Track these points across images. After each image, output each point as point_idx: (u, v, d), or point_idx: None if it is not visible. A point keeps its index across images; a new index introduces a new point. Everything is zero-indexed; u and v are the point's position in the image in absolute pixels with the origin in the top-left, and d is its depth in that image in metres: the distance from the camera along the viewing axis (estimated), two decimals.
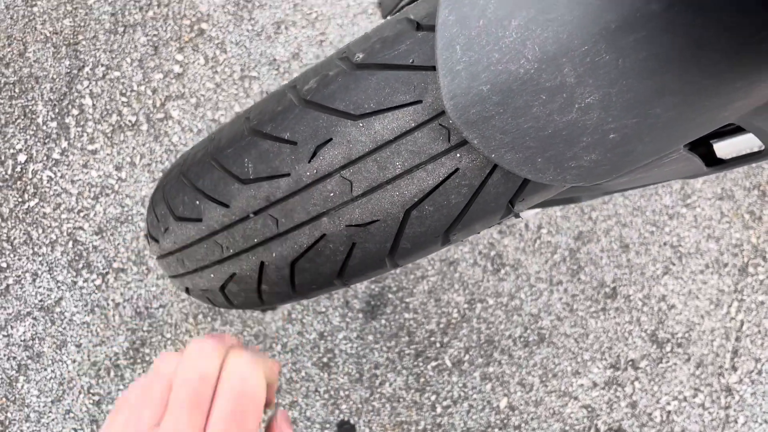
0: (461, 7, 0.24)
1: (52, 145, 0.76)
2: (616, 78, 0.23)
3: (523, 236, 0.84)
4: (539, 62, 0.23)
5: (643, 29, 0.22)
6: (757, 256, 0.90)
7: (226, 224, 0.34)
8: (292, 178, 0.30)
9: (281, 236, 0.33)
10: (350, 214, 0.31)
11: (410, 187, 0.29)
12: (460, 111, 0.25)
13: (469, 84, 0.24)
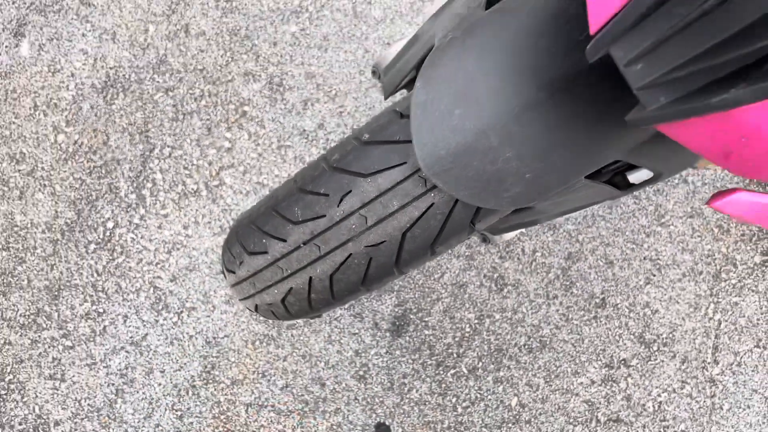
0: (425, 103, 0.47)
1: (132, 212, 1.01)
2: (523, 140, 0.43)
3: (521, 259, 1.05)
4: (474, 135, 0.42)
5: (536, 110, 0.43)
6: (728, 263, 1.09)
7: (284, 253, 0.55)
8: (327, 218, 0.50)
9: (322, 258, 0.53)
10: (367, 238, 0.50)
11: (404, 217, 0.48)
12: (429, 167, 0.45)
13: (432, 151, 0.44)
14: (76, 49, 1.05)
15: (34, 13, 1.07)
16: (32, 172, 0.99)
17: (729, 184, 1.07)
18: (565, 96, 0.42)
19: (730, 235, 1.10)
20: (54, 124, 1.01)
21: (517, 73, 0.41)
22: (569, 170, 0.47)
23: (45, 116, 1.01)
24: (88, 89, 1.03)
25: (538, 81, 0.41)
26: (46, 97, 1.02)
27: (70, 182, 0.99)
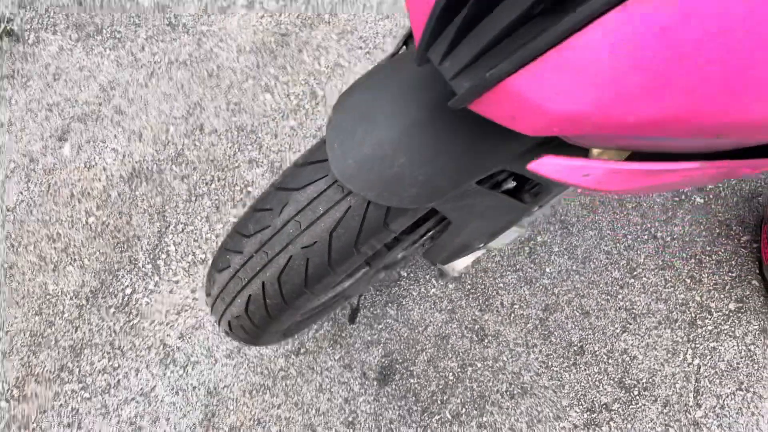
0: (336, 126, 0.87)
1: (148, 280, 1.42)
2: (412, 149, 0.90)
3: (500, 312, 1.40)
4: (372, 146, 0.92)
5: (420, 125, 0.90)
6: (703, 311, 1.42)
7: (242, 263, 0.95)
8: (271, 227, 0.99)
9: (270, 262, 0.98)
10: (302, 240, 0.85)
11: (329, 219, 0.83)
12: (341, 174, 0.94)
13: (342, 161, 0.92)
14: (108, 148, 1.55)
15: (76, 122, 1.59)
16: (65, 249, 1.43)
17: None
18: (442, 114, 0.77)
19: (703, 285, 1.44)
20: (86, 209, 1.47)
21: (404, 99, 0.80)
22: (457, 174, 0.77)
23: (79, 203, 1.48)
24: (117, 179, 1.50)
25: (420, 103, 0.77)
26: (81, 187, 1.49)
27: (97, 256, 1.42)
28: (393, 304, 1.50)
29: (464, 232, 0.99)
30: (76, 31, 1.86)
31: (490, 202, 0.89)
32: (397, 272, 1.52)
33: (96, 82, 1.77)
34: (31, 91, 1.74)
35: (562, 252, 1.58)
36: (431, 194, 0.80)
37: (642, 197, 1.61)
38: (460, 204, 0.85)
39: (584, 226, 1.61)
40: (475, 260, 1.21)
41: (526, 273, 1.55)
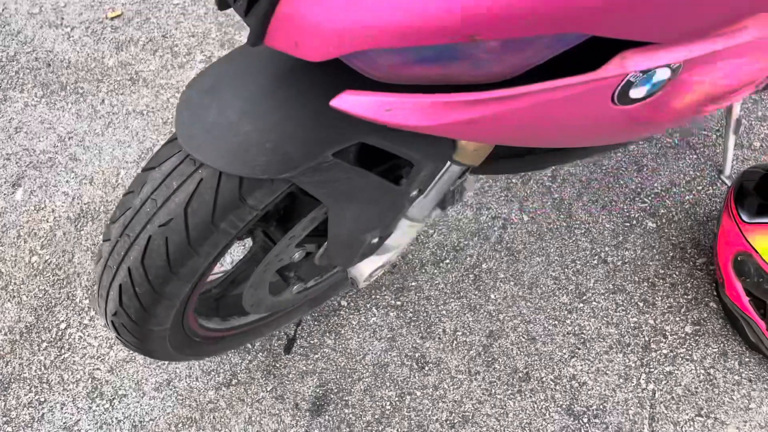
0: (185, 100, 0.93)
1: (84, 315, 1.42)
2: (257, 116, 0.89)
3: (442, 339, 1.37)
4: (217, 114, 0.90)
5: (265, 93, 0.89)
6: (657, 334, 1.38)
7: (109, 251, 0.99)
8: (132, 209, 0.96)
9: (132, 246, 0.94)
10: (158, 218, 0.83)
11: (182, 194, 0.81)
12: (187, 144, 0.89)
13: (189, 131, 0.89)
14: (59, 192, 1.60)
15: (31, 169, 1.65)
16: (6, 287, 1.45)
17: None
18: (291, 81, 0.78)
19: (657, 308, 1.40)
20: (31, 248, 1.50)
21: (252, 69, 0.80)
22: (308, 143, 0.77)
23: (25, 243, 1.51)
24: (64, 220, 1.54)
25: (268, 72, 0.79)
26: (29, 228, 1.53)
27: (35, 293, 1.44)
28: (331, 334, 1.46)
29: (344, 221, 0.94)
30: (42, 89, 1.96)
31: (357, 182, 0.86)
32: (336, 300, 1.50)
33: (55, 133, 1.84)
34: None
35: (507, 278, 1.54)
36: (282, 164, 0.78)
37: (590, 223, 1.59)
38: (322, 180, 0.83)
39: (531, 252, 1.58)
40: (383, 265, 1.17)
41: (470, 300, 1.51)
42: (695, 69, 0.72)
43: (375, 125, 0.79)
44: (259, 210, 0.84)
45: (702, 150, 1.75)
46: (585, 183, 1.68)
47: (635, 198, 1.66)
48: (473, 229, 1.61)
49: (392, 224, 1.01)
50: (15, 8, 2.19)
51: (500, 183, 1.68)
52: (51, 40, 2.08)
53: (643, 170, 1.71)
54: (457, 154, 0.92)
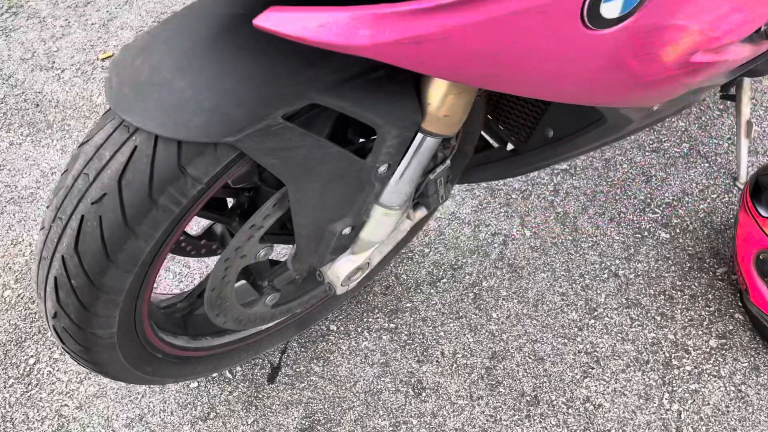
0: (116, 61, 0.84)
1: (54, 349, 1.33)
2: (193, 71, 0.78)
3: (440, 362, 1.27)
4: (149, 71, 0.80)
5: (201, 46, 0.80)
6: (679, 350, 1.26)
7: (43, 240, 0.89)
8: (64, 188, 0.86)
9: (65, 230, 0.77)
10: (91, 194, 0.74)
11: (115, 164, 0.74)
12: (116, 105, 0.79)
13: (119, 91, 0.72)
14: (38, 225, 1.53)
15: (12, 205, 1.61)
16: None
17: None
18: (230, 34, 0.72)
19: (676, 322, 1.30)
20: (4, 283, 1.44)
21: (187, 26, 0.75)
22: (252, 103, 0.70)
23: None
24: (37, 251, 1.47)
25: (204, 26, 0.74)
26: (4, 263, 1.48)
27: (6, 327, 1.37)
28: (319, 360, 1.35)
29: (307, 203, 0.85)
30: (29, 128, 1.94)
31: (315, 152, 0.78)
32: (324, 324, 1.39)
33: (38, 169, 1.80)
34: None
35: (510, 296, 1.43)
36: (224, 125, 0.70)
37: (598, 236, 1.48)
38: (272, 147, 0.74)
39: (535, 268, 1.47)
40: (361, 267, 1.07)
41: (470, 320, 1.39)
42: None
43: (328, 82, 0.72)
44: (203, 183, 0.75)
45: (714, 158, 1.66)
46: (590, 196, 1.59)
47: (645, 209, 1.56)
48: (472, 247, 1.51)
49: (363, 209, 0.93)
50: (8, 54, 2.21)
51: (499, 199, 1.59)
52: (41, 82, 2.08)
53: (651, 180, 1.62)
54: (426, 121, 0.84)
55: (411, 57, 0.58)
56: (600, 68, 0.69)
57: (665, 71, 0.76)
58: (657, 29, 0.66)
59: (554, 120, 1.10)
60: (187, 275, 1.52)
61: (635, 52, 0.68)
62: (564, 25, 0.60)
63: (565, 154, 1.13)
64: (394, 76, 0.78)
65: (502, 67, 0.64)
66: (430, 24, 0.56)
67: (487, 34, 0.58)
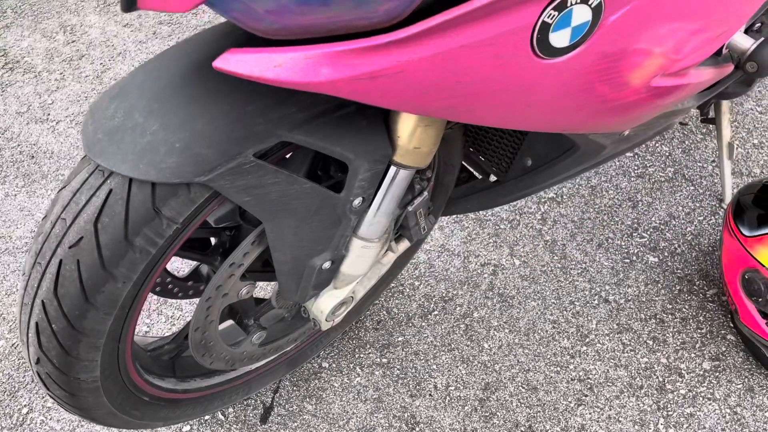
0: (91, 109, 0.87)
1: (47, 397, 1.33)
2: (164, 113, 0.80)
3: (433, 396, 1.27)
4: (123, 116, 0.82)
5: (172, 89, 0.82)
6: (672, 373, 1.26)
7: (24, 286, 0.89)
8: (43, 234, 0.86)
9: (44, 275, 0.78)
10: (68, 238, 0.76)
11: (91, 208, 0.75)
12: (90, 150, 0.81)
13: (93, 137, 0.74)
14: None
15: (6, 255, 1.63)
16: None
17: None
18: (200, 77, 0.74)
19: (668, 345, 1.30)
20: None
21: (159, 70, 0.77)
22: (223, 142, 0.72)
23: None
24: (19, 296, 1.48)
25: (175, 70, 0.76)
26: None
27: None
28: (311, 398, 1.34)
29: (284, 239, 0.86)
30: (23, 179, 1.97)
31: (288, 188, 0.79)
32: (317, 362, 1.39)
33: (33, 219, 1.83)
34: None
35: (501, 326, 1.43)
36: (195, 165, 0.72)
37: (587, 262, 1.49)
38: (245, 185, 0.76)
39: (525, 297, 1.48)
40: (345, 301, 1.07)
41: (462, 351, 1.39)
42: (622, 16, 0.67)
43: (296, 120, 0.74)
44: (178, 223, 0.76)
45: (699, 181, 1.68)
46: (578, 223, 1.60)
47: (632, 234, 1.57)
48: (462, 278, 1.52)
49: (341, 243, 0.94)
50: (4, 109, 2.26)
51: (488, 229, 1.61)
52: (36, 134, 2.12)
53: (638, 206, 1.63)
54: (397, 154, 0.86)
55: (368, 92, 0.61)
56: (555, 96, 0.71)
57: (625, 96, 0.78)
58: (610, 56, 0.69)
59: (531, 149, 1.12)
60: (180, 318, 1.52)
61: (591, 78, 0.70)
62: (515, 55, 0.62)
63: (545, 182, 1.15)
64: (362, 111, 0.80)
65: (459, 99, 0.66)
66: (383, 59, 0.58)
67: (440, 68, 0.60)
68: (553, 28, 0.61)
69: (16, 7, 2.64)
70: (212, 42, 0.80)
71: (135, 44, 2.42)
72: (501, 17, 0.58)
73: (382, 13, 0.55)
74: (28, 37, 2.52)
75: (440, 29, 0.57)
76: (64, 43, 2.47)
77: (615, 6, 0.63)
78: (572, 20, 0.61)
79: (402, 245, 1.10)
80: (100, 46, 2.44)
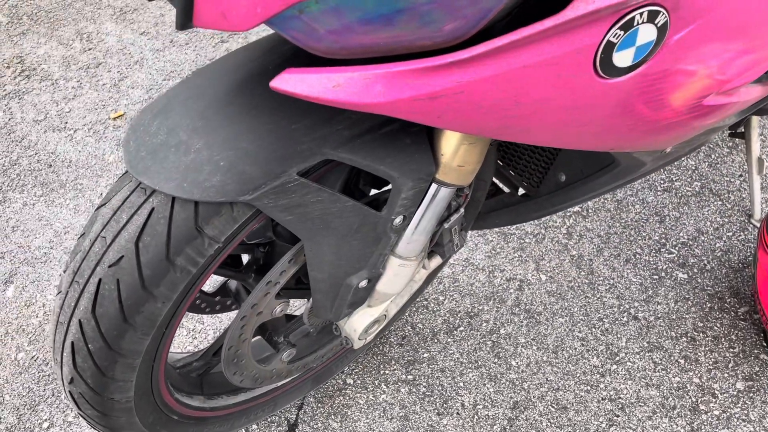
0: (134, 126, 0.87)
1: (68, 411, 1.32)
2: (208, 131, 0.81)
3: (461, 414, 1.24)
4: (166, 133, 0.82)
5: (216, 107, 0.82)
6: (705, 394, 1.24)
7: (60, 305, 0.88)
8: (81, 252, 0.86)
9: (82, 293, 0.77)
10: (108, 257, 0.75)
11: (132, 227, 0.74)
12: (133, 168, 0.80)
13: (136, 154, 0.73)
14: (51, 286, 1.55)
15: (25, 266, 1.61)
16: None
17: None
18: (245, 94, 0.74)
19: (700, 365, 1.28)
20: (18, 345, 1.43)
21: (202, 86, 0.76)
22: (268, 161, 0.71)
23: (12, 340, 1.44)
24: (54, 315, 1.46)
25: (219, 86, 0.75)
26: (17, 325, 1.47)
27: (19, 392, 1.36)
28: (336, 416, 1.32)
29: (323, 258, 0.85)
30: (42, 188, 1.96)
31: (330, 207, 0.78)
32: (341, 378, 1.36)
33: (51, 229, 1.82)
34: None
35: (529, 343, 1.40)
36: (240, 184, 0.71)
37: (615, 278, 1.47)
38: (288, 204, 0.74)
39: (553, 313, 1.45)
40: (378, 320, 1.05)
41: (490, 369, 1.37)
42: (686, 35, 0.66)
43: (341, 138, 0.73)
44: (220, 242, 0.75)
45: (726, 196, 1.65)
46: (604, 238, 1.58)
47: (661, 249, 1.55)
48: (487, 293, 1.49)
49: (379, 262, 0.92)
50: (21, 116, 2.25)
51: (512, 243, 1.58)
52: (54, 142, 2.11)
53: (665, 220, 1.61)
54: (440, 172, 0.84)
55: (427, 112, 0.59)
56: (612, 115, 0.69)
57: (677, 115, 0.76)
58: (669, 75, 0.67)
59: (566, 164, 1.10)
60: (201, 331, 1.51)
61: (647, 98, 0.68)
62: (576, 75, 0.60)
63: (578, 198, 1.13)
64: (407, 128, 0.79)
65: (515, 119, 0.65)
66: (445, 80, 0.56)
67: (501, 88, 0.59)
68: (617, 47, 0.59)
69: (32, 14, 2.64)
70: (254, 59, 0.79)
71: (152, 52, 2.41)
72: (567, 37, 0.56)
73: (447, 32, 0.53)
74: (45, 45, 2.52)
75: (504, 49, 0.55)
76: (80, 51, 2.46)
77: (680, 25, 0.61)
78: (637, 40, 0.60)
79: (434, 262, 1.08)
80: (117, 54, 2.43)
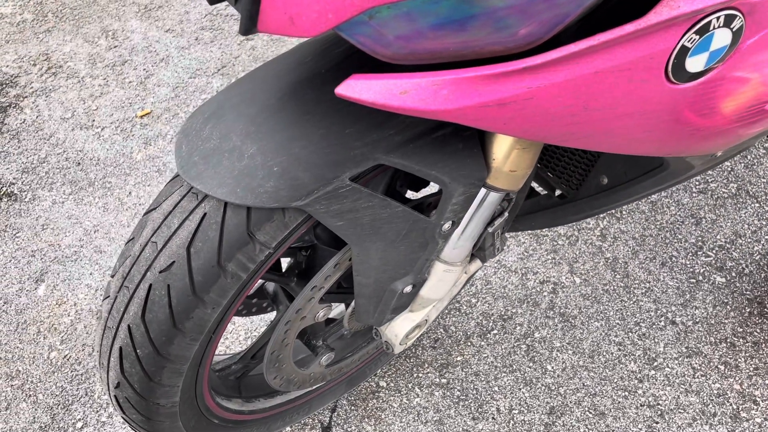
0: (185, 129, 0.86)
1: (102, 411, 1.33)
2: (261, 137, 0.80)
3: (496, 419, 1.23)
4: (219, 138, 0.80)
5: (269, 111, 0.80)
6: (746, 401, 1.22)
7: (108, 309, 0.89)
8: (131, 257, 0.85)
9: (132, 298, 0.77)
10: (159, 263, 0.75)
11: (184, 232, 0.73)
12: (186, 173, 0.80)
13: (188, 159, 0.73)
14: (82, 285, 1.55)
15: (56, 264, 1.61)
16: (22, 386, 1.37)
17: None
18: (297, 98, 0.73)
19: (741, 371, 1.26)
20: (50, 344, 1.44)
21: (255, 90, 0.75)
22: (321, 166, 0.71)
23: (44, 339, 1.45)
24: (86, 313, 1.48)
25: (272, 90, 0.74)
26: (49, 323, 1.47)
27: (52, 391, 1.36)
28: (370, 419, 1.31)
29: (369, 264, 0.84)
30: (70, 186, 1.96)
31: (381, 212, 0.77)
32: (374, 381, 1.35)
33: (81, 227, 1.82)
34: (19, 240, 1.80)
35: (564, 347, 1.39)
36: (293, 190, 0.70)
37: (651, 281, 1.44)
38: (340, 210, 0.74)
39: (588, 317, 1.43)
40: (419, 325, 1.04)
41: (525, 373, 1.35)
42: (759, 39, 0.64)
43: (393, 143, 0.72)
44: (271, 248, 0.74)
45: (764, 198, 1.62)
46: (639, 240, 1.56)
47: (697, 252, 1.52)
48: (521, 296, 1.48)
49: (424, 268, 0.91)
50: (48, 114, 2.26)
51: (545, 245, 1.56)
52: (81, 140, 2.12)
53: (701, 223, 1.58)
54: (491, 176, 0.82)
55: (494, 119, 0.57)
56: (677, 120, 0.67)
57: (740, 120, 0.74)
58: (738, 80, 0.65)
59: (608, 167, 1.08)
60: (232, 332, 1.50)
61: (715, 103, 0.66)
62: (647, 80, 0.59)
63: (619, 201, 1.11)
64: (459, 133, 0.77)
65: (580, 125, 0.63)
66: (515, 86, 0.55)
67: (571, 94, 0.57)
68: (691, 52, 0.57)
69: (57, 11, 2.64)
70: (304, 62, 0.78)
71: (177, 50, 2.41)
72: (641, 42, 0.55)
73: (520, 37, 0.52)
74: (70, 42, 2.52)
75: (578, 54, 0.54)
76: (106, 48, 2.47)
77: (754, 29, 0.59)
78: (712, 44, 0.58)
79: (474, 265, 1.06)
80: (143, 51, 2.43)
